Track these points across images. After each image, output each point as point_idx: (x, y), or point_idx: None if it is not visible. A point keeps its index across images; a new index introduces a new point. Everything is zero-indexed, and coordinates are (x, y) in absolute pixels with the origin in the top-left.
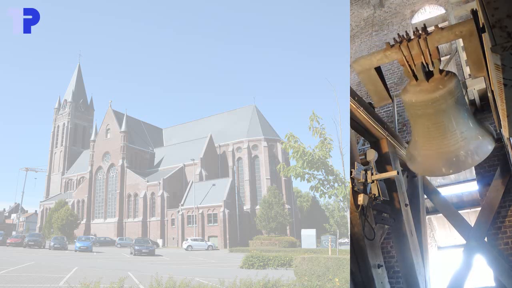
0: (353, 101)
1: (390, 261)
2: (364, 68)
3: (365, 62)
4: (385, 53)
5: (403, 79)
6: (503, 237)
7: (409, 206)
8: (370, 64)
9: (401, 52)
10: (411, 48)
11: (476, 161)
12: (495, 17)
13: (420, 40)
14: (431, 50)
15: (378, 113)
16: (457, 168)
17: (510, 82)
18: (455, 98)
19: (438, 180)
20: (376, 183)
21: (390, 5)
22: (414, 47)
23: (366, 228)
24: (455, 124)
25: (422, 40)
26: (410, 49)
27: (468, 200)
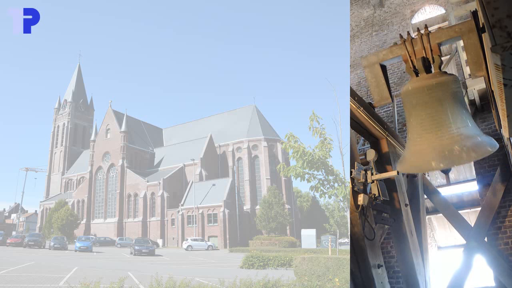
0: (353, 101)
1: (390, 261)
2: (370, 63)
3: (372, 58)
4: (390, 49)
5: (403, 79)
6: (503, 237)
7: (409, 206)
8: (376, 59)
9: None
10: (414, 44)
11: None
12: (495, 17)
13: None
14: (432, 46)
15: (378, 113)
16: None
17: (510, 82)
18: (452, 91)
19: (438, 180)
20: (376, 183)
21: (390, 5)
22: (417, 43)
23: (366, 228)
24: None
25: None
26: (414, 45)
27: (468, 200)
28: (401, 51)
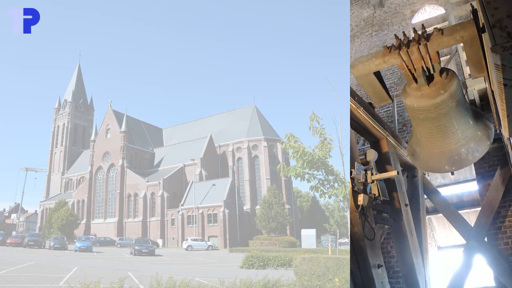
0: (353, 101)
1: (390, 261)
2: (362, 74)
3: (363, 68)
4: (383, 59)
5: (403, 79)
6: (503, 237)
7: (409, 206)
8: (369, 69)
9: (400, 57)
10: (410, 54)
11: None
12: (495, 17)
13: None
14: (431, 55)
15: (378, 113)
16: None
17: (510, 82)
18: (456, 101)
19: (438, 180)
20: (376, 183)
21: (390, 5)
22: (414, 52)
23: (366, 228)
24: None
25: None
26: (410, 54)
27: (468, 200)
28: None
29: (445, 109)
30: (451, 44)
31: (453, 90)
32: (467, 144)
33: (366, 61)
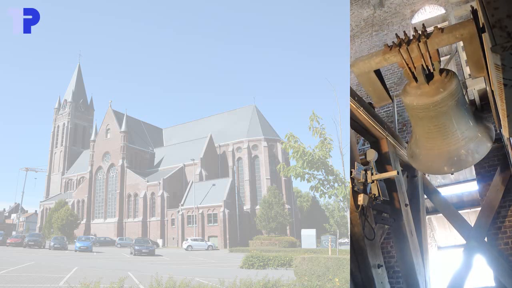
0: (353, 101)
1: (390, 261)
2: (362, 72)
3: (364, 65)
4: (384, 56)
5: (403, 79)
6: (503, 237)
7: (409, 206)
8: (369, 67)
9: (401, 55)
10: (410, 51)
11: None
12: (495, 17)
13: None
14: (431, 53)
15: (378, 113)
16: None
17: (510, 82)
18: (455, 100)
19: (438, 180)
20: (376, 183)
21: (390, 5)
22: (414, 50)
23: (366, 228)
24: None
25: (422, 44)
26: (410, 52)
27: (468, 200)
28: (396, 59)
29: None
30: (451, 41)
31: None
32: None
33: (366, 59)
